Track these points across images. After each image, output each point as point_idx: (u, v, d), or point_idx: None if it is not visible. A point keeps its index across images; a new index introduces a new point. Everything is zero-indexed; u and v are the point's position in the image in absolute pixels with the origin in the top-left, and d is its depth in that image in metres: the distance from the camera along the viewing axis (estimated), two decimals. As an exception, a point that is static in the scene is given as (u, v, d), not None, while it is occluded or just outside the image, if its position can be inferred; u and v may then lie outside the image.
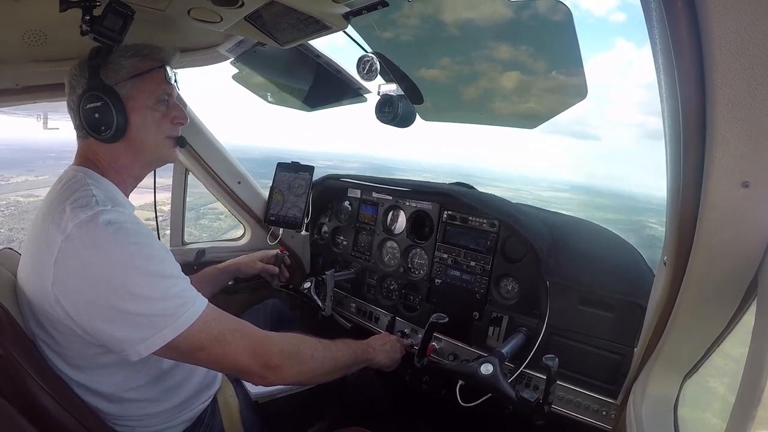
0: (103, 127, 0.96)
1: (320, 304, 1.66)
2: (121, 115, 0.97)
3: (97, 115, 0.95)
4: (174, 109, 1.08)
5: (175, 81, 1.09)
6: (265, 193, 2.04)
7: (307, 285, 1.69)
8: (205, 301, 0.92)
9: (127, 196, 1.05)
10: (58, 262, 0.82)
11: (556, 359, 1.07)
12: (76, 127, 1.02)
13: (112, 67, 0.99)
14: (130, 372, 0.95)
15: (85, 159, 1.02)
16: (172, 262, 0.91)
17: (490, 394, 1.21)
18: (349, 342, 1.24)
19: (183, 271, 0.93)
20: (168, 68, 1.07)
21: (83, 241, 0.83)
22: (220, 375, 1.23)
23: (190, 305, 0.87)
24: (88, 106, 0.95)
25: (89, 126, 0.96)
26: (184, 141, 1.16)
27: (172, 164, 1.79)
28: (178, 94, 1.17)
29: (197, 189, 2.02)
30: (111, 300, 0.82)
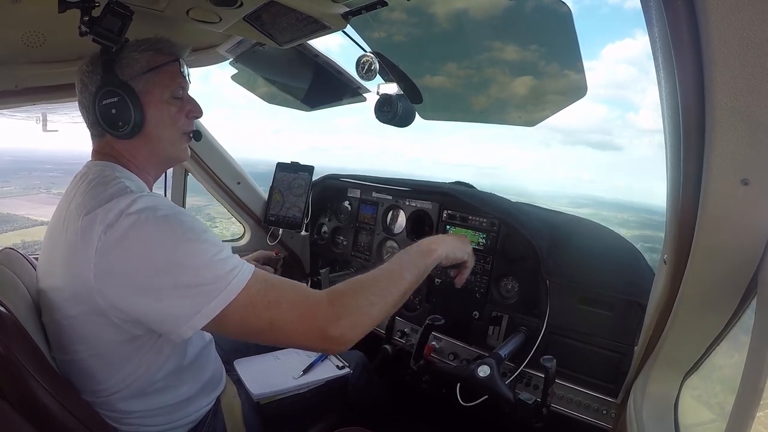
0: (120, 123, 0.95)
1: None
2: (138, 110, 0.96)
3: (113, 111, 0.94)
4: (189, 103, 1.07)
5: (188, 75, 1.08)
6: (265, 194, 2.04)
7: None
8: (252, 266, 0.87)
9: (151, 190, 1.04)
10: (99, 252, 0.80)
11: (554, 360, 1.07)
12: (91, 125, 1.01)
13: (126, 61, 0.97)
14: (148, 366, 0.94)
15: (105, 154, 1.01)
16: (214, 235, 0.88)
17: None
18: (401, 257, 1.04)
19: None
20: (182, 62, 1.05)
21: (125, 227, 0.81)
22: (225, 376, 1.23)
23: (238, 270, 0.83)
24: (104, 102, 0.94)
25: (106, 122, 0.95)
26: (200, 134, 1.15)
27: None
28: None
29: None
30: (159, 276, 0.80)
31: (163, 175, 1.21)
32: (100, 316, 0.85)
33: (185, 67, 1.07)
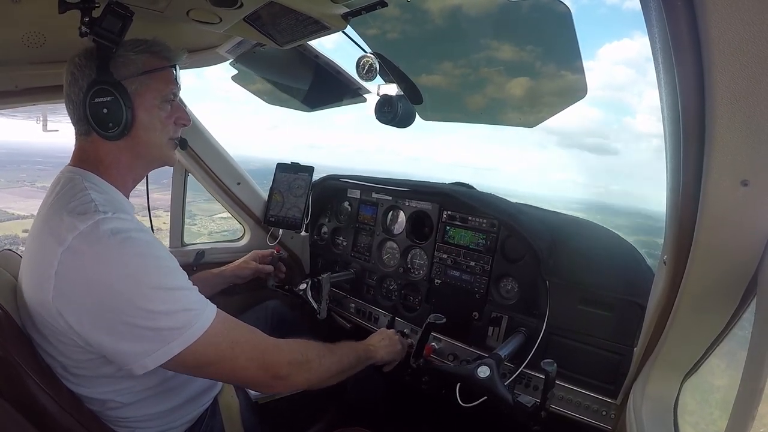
0: (110, 124, 0.93)
1: (315, 306, 1.65)
2: (130, 112, 0.94)
3: (105, 111, 0.92)
4: (178, 110, 1.06)
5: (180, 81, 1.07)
6: (265, 194, 2.04)
7: (302, 286, 1.69)
8: (214, 309, 0.90)
9: (128, 197, 1.03)
10: (58, 275, 0.80)
11: (555, 364, 1.07)
12: (78, 121, 0.97)
13: (121, 61, 0.96)
14: (132, 381, 0.93)
15: (82, 159, 0.98)
16: (180, 272, 0.89)
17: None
18: (350, 343, 1.26)
19: None
20: (177, 68, 1.05)
21: (85, 254, 0.80)
22: None
23: (198, 317, 0.86)
24: (96, 100, 0.92)
25: (96, 121, 0.93)
26: (186, 143, 1.15)
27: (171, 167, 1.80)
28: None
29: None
30: (117, 314, 0.80)
31: (146, 179, 1.18)
32: (64, 336, 0.84)
33: (179, 72, 1.06)
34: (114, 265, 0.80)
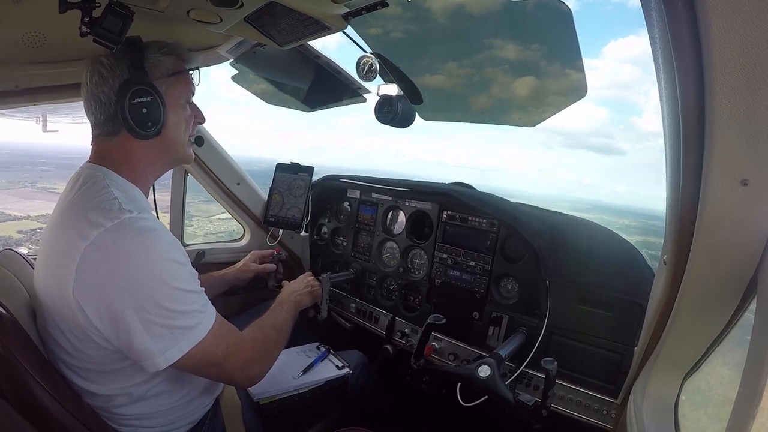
0: (150, 123, 0.94)
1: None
2: (165, 111, 0.97)
3: (145, 111, 0.93)
4: (195, 110, 1.10)
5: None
6: (265, 194, 2.04)
7: None
8: (214, 311, 0.95)
9: (146, 195, 1.04)
10: (80, 269, 0.81)
11: (555, 363, 1.07)
12: (106, 120, 0.96)
13: (152, 62, 0.98)
14: (141, 376, 0.94)
15: (103, 157, 0.98)
16: (194, 274, 0.93)
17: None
18: (283, 305, 1.29)
19: None
20: (199, 69, 1.10)
21: (110, 249, 0.82)
22: None
23: (204, 318, 0.91)
24: (135, 100, 0.92)
25: (135, 121, 0.93)
26: (202, 139, 1.17)
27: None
28: None
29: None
30: (136, 310, 0.82)
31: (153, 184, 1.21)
32: (81, 332, 0.86)
33: (199, 74, 1.11)
34: (140, 262, 0.83)
